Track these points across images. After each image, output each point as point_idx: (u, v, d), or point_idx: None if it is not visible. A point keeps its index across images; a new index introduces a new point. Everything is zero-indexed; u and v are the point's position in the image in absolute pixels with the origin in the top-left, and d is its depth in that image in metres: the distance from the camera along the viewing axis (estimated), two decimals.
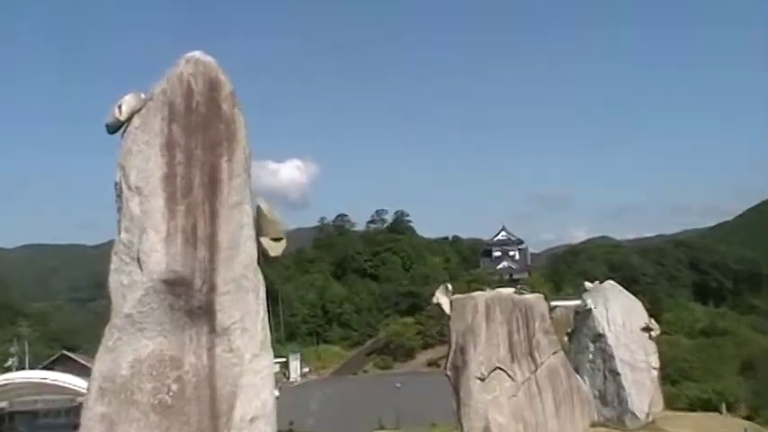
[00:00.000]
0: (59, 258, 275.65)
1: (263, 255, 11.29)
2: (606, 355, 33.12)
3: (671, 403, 44.77)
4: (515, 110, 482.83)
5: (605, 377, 32.99)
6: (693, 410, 45.68)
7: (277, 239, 11.46)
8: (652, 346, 34.79)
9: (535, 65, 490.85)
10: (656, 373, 34.42)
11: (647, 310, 37.80)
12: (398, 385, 74.25)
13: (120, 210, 10.30)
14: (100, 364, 10.04)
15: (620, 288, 36.90)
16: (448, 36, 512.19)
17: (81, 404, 10.76)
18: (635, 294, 38.47)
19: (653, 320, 36.25)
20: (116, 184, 10.38)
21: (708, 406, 50.44)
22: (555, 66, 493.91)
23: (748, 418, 48.09)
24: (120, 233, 10.19)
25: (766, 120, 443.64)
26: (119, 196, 10.32)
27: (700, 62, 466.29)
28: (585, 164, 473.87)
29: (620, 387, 32.51)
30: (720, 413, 43.05)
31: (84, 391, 11.14)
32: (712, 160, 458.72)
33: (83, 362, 68.50)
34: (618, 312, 34.37)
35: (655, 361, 34.48)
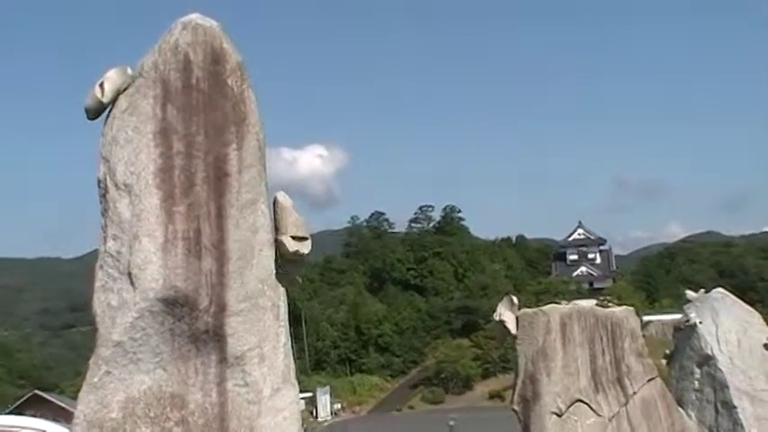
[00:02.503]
0: (27, 276, 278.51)
1: (282, 258, 11.19)
2: (717, 384, 32.72)
3: None
4: (593, 79, 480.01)
5: (717, 411, 32.59)
6: None
7: (301, 239, 11.34)
8: None
9: (620, 31, 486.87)
10: None
11: None
12: (452, 423, 74.30)
13: (104, 213, 10.31)
14: (84, 406, 10.05)
15: (734, 298, 36.40)
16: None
17: None
18: (752, 305, 37.94)
19: None
20: (99, 181, 10.40)
21: None
22: (645, 31, 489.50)
23: None
24: (105, 242, 10.21)
25: None
26: (103, 196, 10.33)
27: None
28: (685, 144, 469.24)
29: (736, 423, 32.12)
30: None
31: None
32: None
33: (60, 403, 69.39)
34: (731, 329, 33.93)
35: None
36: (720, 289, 38.11)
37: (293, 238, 11.29)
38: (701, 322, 34.05)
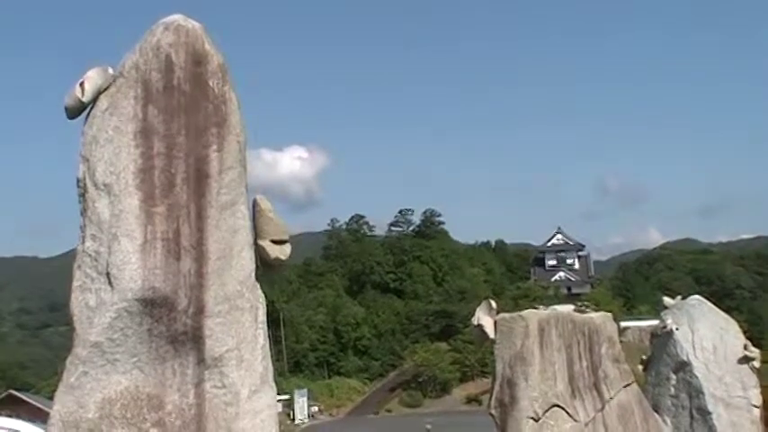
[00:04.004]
0: (3, 275, 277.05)
1: (262, 263, 11.25)
2: (693, 390, 32.89)
3: None
4: (573, 89, 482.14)
5: (692, 417, 32.76)
6: None
7: (280, 242, 11.38)
8: (752, 379, 34.47)
9: (600, 37, 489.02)
10: (758, 412, 34.12)
11: (745, 332, 37.51)
12: (429, 426, 74.37)
13: (84, 213, 10.28)
14: (60, 406, 10.01)
15: (710, 305, 36.59)
16: (494, 10, 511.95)
17: None
18: (728, 312, 38.16)
19: (753, 346, 36.01)
20: (78, 180, 10.37)
21: None
22: (625, 37, 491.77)
23: None
24: (84, 242, 10.18)
25: None
26: (82, 196, 10.31)
27: None
28: (664, 152, 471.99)
29: (711, 430, 32.29)
30: None
31: None
32: None
33: (36, 404, 68.99)
34: (707, 335, 34.12)
35: (755, 397, 34.17)
36: (697, 296, 38.32)
37: (273, 242, 11.34)
38: (677, 329, 34.22)
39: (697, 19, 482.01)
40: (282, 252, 11.45)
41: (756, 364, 35.49)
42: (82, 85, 10.23)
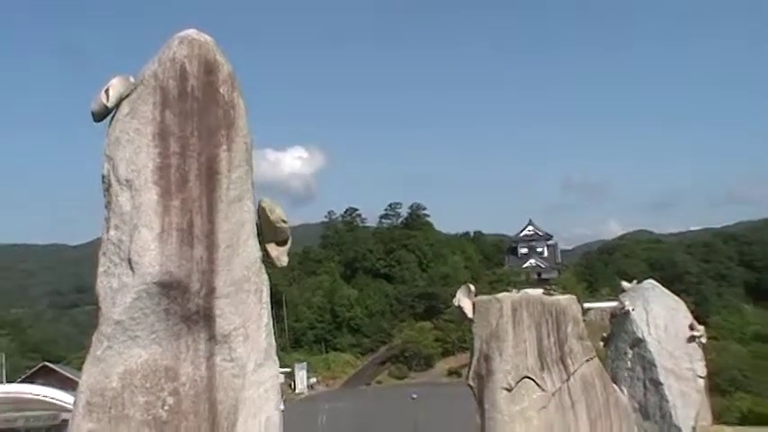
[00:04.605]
0: (38, 260, 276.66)
1: (266, 259, 11.30)
2: (647, 363, 32.98)
3: (720, 416, 44.62)
4: (543, 92, 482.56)
5: (646, 387, 32.85)
6: (745, 425, 45.60)
7: (282, 243, 11.44)
8: (698, 353, 34.58)
9: (569, 43, 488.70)
10: (702, 382, 34.24)
11: (692, 312, 37.59)
12: (415, 396, 74.30)
13: (108, 205, 10.28)
14: (87, 377, 10.02)
15: (662, 288, 36.70)
16: (473, 18, 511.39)
17: (66, 421, 10.82)
18: (678, 295, 38.21)
19: (699, 324, 36.07)
20: (103, 177, 10.36)
21: (762, 420, 50.27)
22: (585, 53, 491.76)
23: None
24: (108, 231, 10.17)
25: None
26: (107, 190, 10.30)
27: (739, 42, 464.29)
28: (624, 149, 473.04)
29: (662, 398, 32.39)
30: None
31: (70, 406, 11.21)
32: (766, 145, 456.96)
33: (66, 374, 68.89)
34: (659, 315, 34.21)
35: (701, 369, 34.29)
36: (651, 280, 38.40)
37: (276, 243, 11.45)
38: (633, 309, 34.29)
39: (648, 23, 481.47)
40: (283, 252, 11.56)
41: (703, 340, 35.64)
42: (107, 92, 10.24)
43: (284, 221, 11.43)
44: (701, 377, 34.28)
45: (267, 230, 11.22)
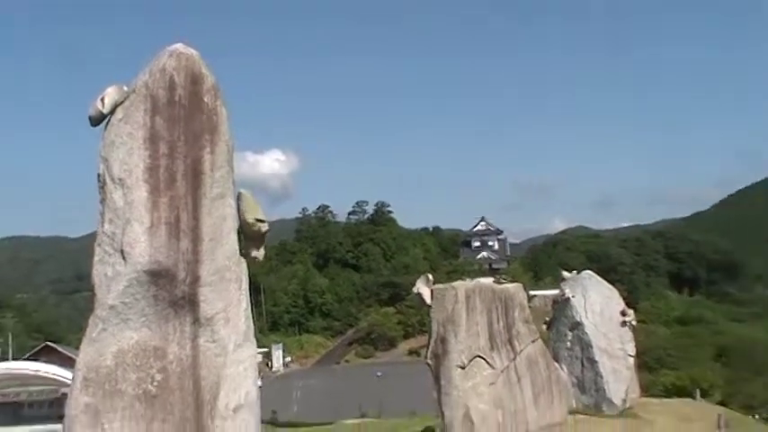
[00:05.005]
0: (42, 250, 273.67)
1: (245, 237, 11.32)
2: (584, 344, 33.36)
3: (647, 390, 45.20)
4: (494, 100, 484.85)
5: (583, 365, 33.23)
6: (669, 397, 46.15)
7: (260, 220, 11.44)
8: (629, 335, 35.05)
9: (516, 56, 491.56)
10: (632, 360, 34.70)
11: (624, 299, 38.09)
12: (379, 374, 74.50)
13: (103, 201, 10.26)
14: (84, 355, 10.03)
15: (598, 278, 37.15)
16: (429, 25, 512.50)
17: (65, 395, 10.74)
18: (612, 284, 38.72)
19: (630, 309, 36.50)
20: (99, 175, 10.34)
21: (683, 392, 50.98)
22: (535, 57, 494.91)
23: (722, 403, 48.65)
24: (103, 225, 10.16)
25: (742, 109, 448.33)
26: (102, 188, 10.28)
27: (674, 51, 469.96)
28: (566, 153, 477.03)
29: (597, 375, 32.77)
30: (695, 399, 43.47)
31: (69, 381, 11.12)
32: (690, 151, 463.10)
33: (67, 353, 67.99)
34: (595, 301, 34.61)
35: (631, 349, 34.75)
36: (588, 271, 38.85)
37: (256, 219, 11.46)
38: (573, 296, 34.64)
39: (590, 27, 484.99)
40: (263, 225, 11.57)
41: (633, 322, 36.05)
42: (102, 99, 10.24)
43: (262, 220, 11.43)
44: (631, 356, 34.72)
45: (246, 207, 11.25)
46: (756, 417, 48.22)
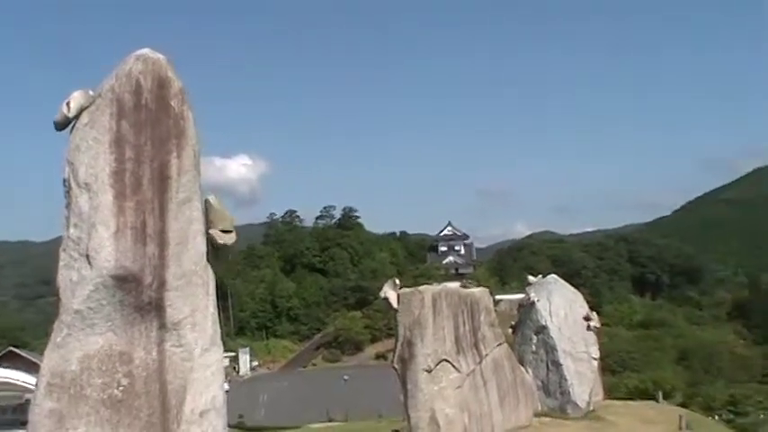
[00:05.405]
0: (6, 255, 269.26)
1: (212, 247, 11.26)
2: (549, 347, 33.52)
3: (611, 393, 45.61)
4: (459, 107, 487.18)
5: (548, 368, 33.37)
6: (632, 399, 46.61)
7: (227, 231, 11.42)
8: (593, 338, 35.29)
9: (479, 60, 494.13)
10: (596, 363, 34.94)
11: (588, 302, 38.31)
12: (346, 378, 74.27)
13: (68, 206, 10.17)
14: (48, 361, 9.93)
15: (563, 282, 37.35)
16: (391, 28, 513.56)
17: (29, 401, 10.62)
18: (576, 288, 38.96)
19: (594, 313, 36.79)
20: (64, 180, 10.25)
21: (645, 395, 51.63)
22: (495, 66, 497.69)
23: (683, 405, 49.34)
24: (68, 229, 10.07)
25: (702, 113, 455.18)
26: (67, 192, 10.20)
27: (633, 56, 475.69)
28: (530, 159, 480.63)
29: (562, 378, 32.94)
30: (657, 401, 43.95)
31: (33, 387, 11.00)
32: (653, 156, 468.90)
33: (31, 358, 66.97)
34: (560, 305, 34.79)
35: (595, 352, 35.00)
36: (554, 275, 39.03)
37: (221, 231, 11.40)
38: (538, 300, 34.82)
39: (551, 30, 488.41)
40: (228, 239, 11.53)
41: (597, 325, 36.37)
42: (68, 103, 10.16)
43: (228, 231, 11.42)
44: (595, 359, 34.98)
45: (213, 219, 11.19)
46: (716, 418, 49.01)
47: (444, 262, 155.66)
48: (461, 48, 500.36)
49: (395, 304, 22.55)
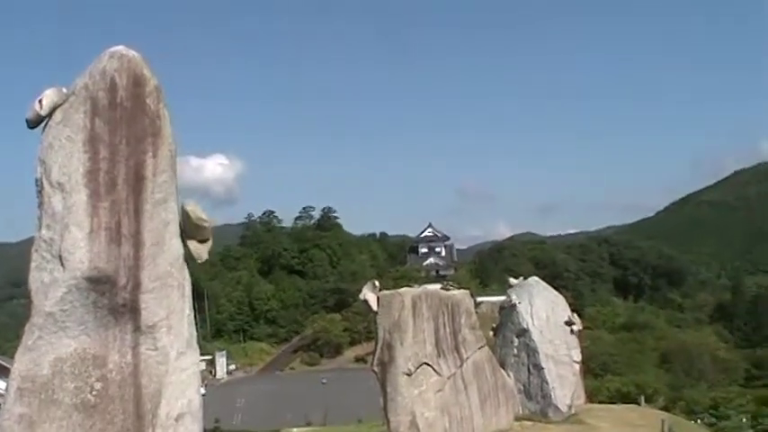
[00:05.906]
0: None
1: (188, 255, 11.21)
2: (530, 350, 33.59)
3: (593, 396, 45.87)
4: (440, 108, 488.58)
5: (529, 371, 33.45)
6: (614, 403, 46.88)
7: (203, 241, 11.35)
8: (574, 341, 35.42)
9: (459, 65, 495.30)
10: (578, 366, 35.08)
11: (570, 305, 38.45)
12: (324, 381, 74.29)
13: (40, 206, 10.07)
14: (19, 364, 9.83)
15: (544, 284, 37.43)
16: (373, 32, 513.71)
17: None
18: (558, 290, 39.08)
19: (576, 315, 36.94)
20: (37, 180, 10.15)
21: (627, 398, 51.93)
22: (477, 66, 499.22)
23: (665, 408, 49.63)
24: (40, 230, 9.97)
25: (683, 116, 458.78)
26: (40, 192, 10.09)
27: (615, 58, 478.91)
28: (511, 160, 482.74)
29: (543, 381, 33.03)
30: (639, 405, 44.22)
31: (2, 391, 10.90)
32: (634, 158, 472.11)
33: (1, 362, 66.49)
34: (542, 308, 34.87)
35: (577, 355, 35.14)
36: (535, 277, 39.13)
37: (198, 241, 11.34)
38: (519, 303, 34.88)
39: (534, 31, 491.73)
40: (204, 250, 11.45)
41: (577, 329, 36.53)
42: (40, 101, 10.05)
43: (205, 221, 11.32)
44: (576, 362, 35.13)
45: (190, 229, 11.10)
46: (699, 422, 49.32)
47: (425, 264, 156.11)
48: (442, 48, 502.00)
49: (374, 307, 22.52)
